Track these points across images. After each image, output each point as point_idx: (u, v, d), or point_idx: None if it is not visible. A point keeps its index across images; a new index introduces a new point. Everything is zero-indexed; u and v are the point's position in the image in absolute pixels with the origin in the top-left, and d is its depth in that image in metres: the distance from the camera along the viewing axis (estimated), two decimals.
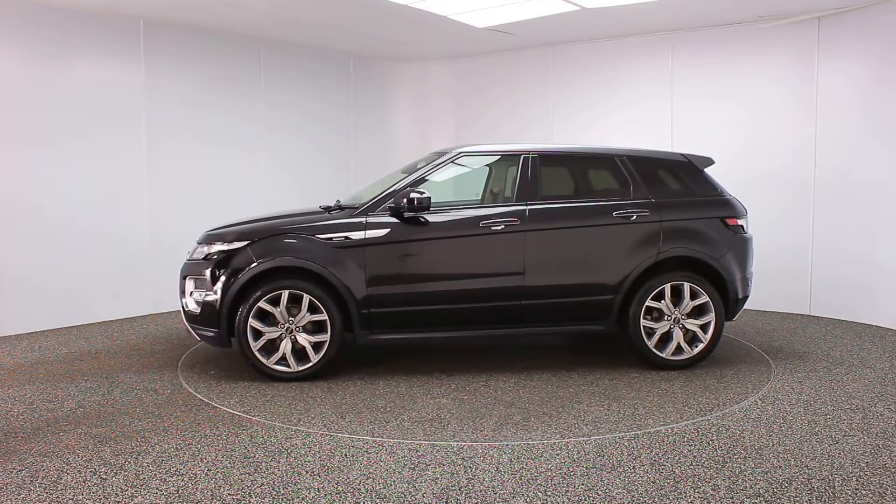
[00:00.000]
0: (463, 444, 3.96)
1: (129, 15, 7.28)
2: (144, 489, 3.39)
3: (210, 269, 5.15)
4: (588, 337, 6.53)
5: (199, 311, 5.19)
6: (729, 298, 5.50)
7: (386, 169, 8.11)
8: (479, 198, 6.04)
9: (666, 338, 5.43)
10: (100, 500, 3.29)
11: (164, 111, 7.69)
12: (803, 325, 7.05)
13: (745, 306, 6.03)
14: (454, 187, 6.80)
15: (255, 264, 5.05)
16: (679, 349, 5.42)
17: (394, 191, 5.31)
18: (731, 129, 7.80)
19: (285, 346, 5.11)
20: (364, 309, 5.16)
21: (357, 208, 5.33)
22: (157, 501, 3.27)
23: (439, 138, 9.60)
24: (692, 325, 5.42)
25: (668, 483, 3.45)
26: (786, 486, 3.40)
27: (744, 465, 3.66)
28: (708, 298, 5.39)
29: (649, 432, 4.13)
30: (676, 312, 5.41)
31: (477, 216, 5.35)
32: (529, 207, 5.36)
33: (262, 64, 8.59)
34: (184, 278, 5.36)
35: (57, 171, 6.91)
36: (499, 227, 5.28)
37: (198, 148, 8.01)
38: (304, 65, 9.04)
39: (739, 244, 5.58)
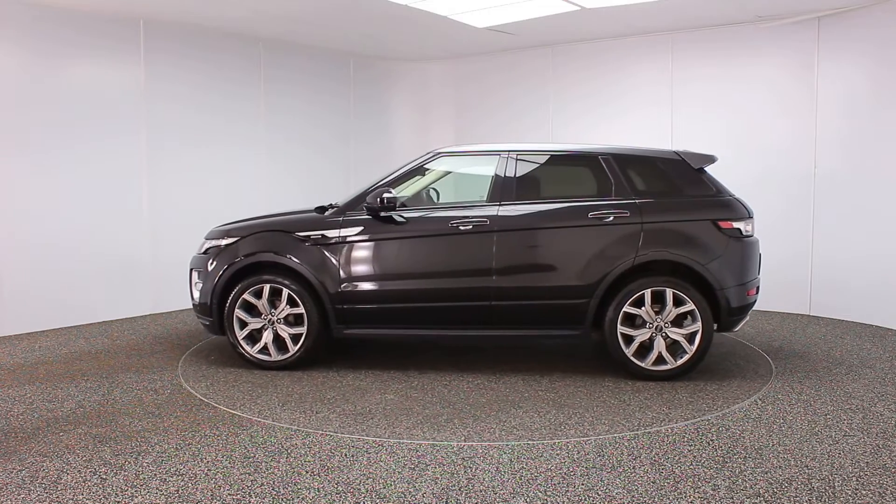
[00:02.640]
0: (463, 444, 3.97)
1: (129, 15, 7.28)
2: (144, 489, 3.39)
3: (207, 262, 5.58)
4: (594, 343, 6.49)
5: (199, 300, 5.63)
6: (720, 307, 5.11)
7: (386, 168, 8.09)
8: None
9: (651, 346, 5.14)
10: (100, 500, 3.29)
11: (163, 111, 7.69)
12: (803, 326, 7.05)
13: None
14: (454, 187, 6.79)
15: (238, 259, 5.46)
16: (661, 359, 5.11)
17: (367, 191, 5.47)
18: (730, 128, 7.80)
19: (267, 337, 5.47)
20: (338, 304, 5.36)
21: (338, 208, 5.57)
22: (157, 501, 3.27)
23: (439, 138, 9.60)
24: (676, 334, 5.08)
25: (668, 483, 3.45)
26: (786, 486, 3.40)
27: (744, 465, 3.66)
28: (694, 306, 5.03)
29: (649, 432, 4.13)
30: (659, 320, 5.09)
31: (447, 216, 5.36)
32: (500, 208, 5.31)
33: (262, 64, 8.59)
34: (191, 270, 5.79)
35: (56, 171, 6.91)
36: (467, 228, 5.27)
37: (198, 147, 8.02)
38: (304, 65, 9.04)
39: (735, 249, 5.14)
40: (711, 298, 5.10)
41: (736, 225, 5.18)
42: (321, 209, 5.72)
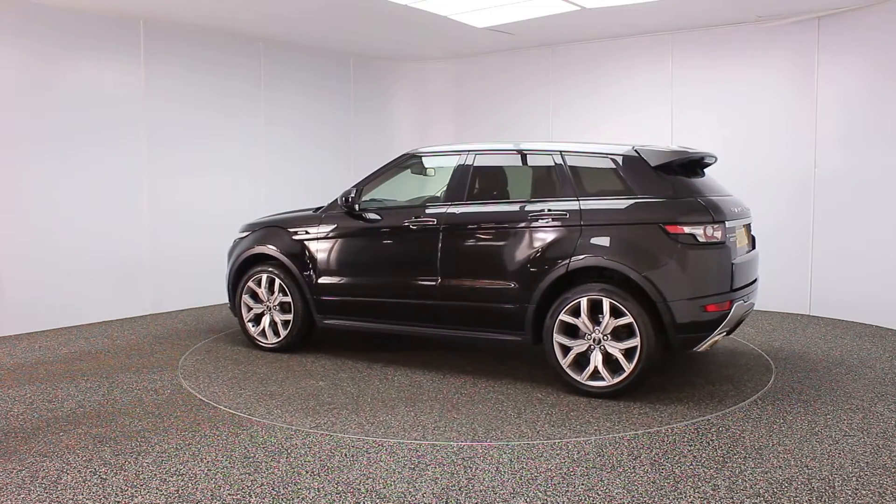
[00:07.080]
0: (463, 443, 3.97)
1: (129, 15, 7.28)
2: (144, 489, 3.40)
3: (230, 252, 6.31)
4: None
5: (226, 286, 6.32)
6: (664, 322, 4.55)
7: None
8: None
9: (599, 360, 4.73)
10: (100, 500, 3.29)
11: (163, 111, 7.68)
12: (803, 326, 7.04)
13: None
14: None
15: (243, 251, 6.12)
16: (597, 374, 4.69)
17: (343, 191, 5.77)
18: (731, 128, 7.80)
19: (265, 322, 6.06)
20: (316, 295, 5.79)
21: (323, 207, 6.00)
22: (157, 501, 3.27)
23: (439, 138, 9.60)
24: (613, 348, 4.64)
25: (668, 483, 3.45)
26: (786, 486, 3.40)
27: (744, 465, 3.66)
28: (633, 319, 4.56)
29: (649, 432, 4.13)
30: (597, 332, 4.69)
31: (406, 214, 5.50)
32: (450, 208, 5.31)
33: (262, 64, 8.58)
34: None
35: (57, 171, 6.90)
36: (415, 227, 5.37)
37: (198, 148, 8.01)
38: (304, 65, 9.04)
39: (688, 257, 4.54)
40: (655, 312, 4.59)
41: (689, 230, 4.55)
42: (318, 209, 6.06)
